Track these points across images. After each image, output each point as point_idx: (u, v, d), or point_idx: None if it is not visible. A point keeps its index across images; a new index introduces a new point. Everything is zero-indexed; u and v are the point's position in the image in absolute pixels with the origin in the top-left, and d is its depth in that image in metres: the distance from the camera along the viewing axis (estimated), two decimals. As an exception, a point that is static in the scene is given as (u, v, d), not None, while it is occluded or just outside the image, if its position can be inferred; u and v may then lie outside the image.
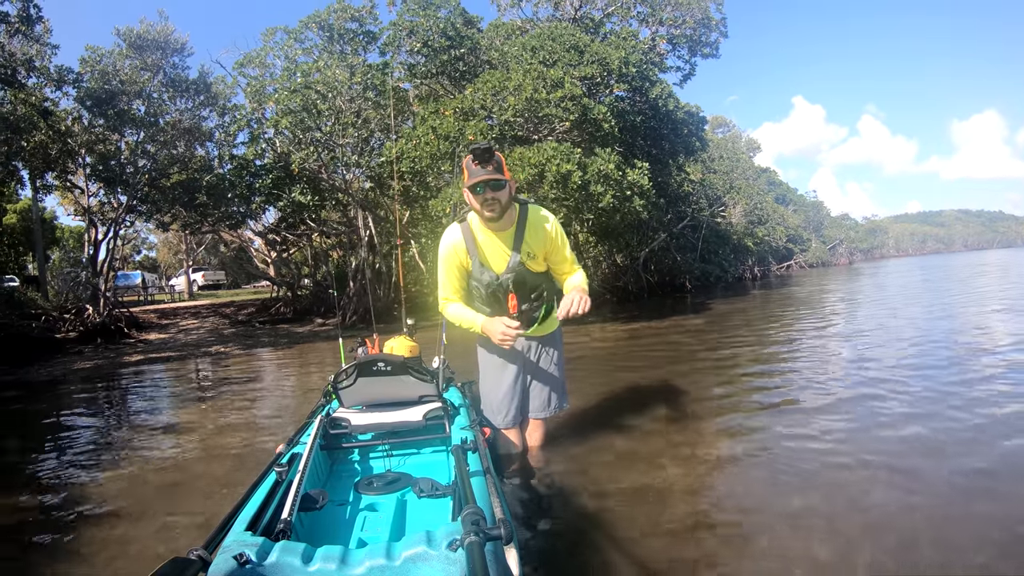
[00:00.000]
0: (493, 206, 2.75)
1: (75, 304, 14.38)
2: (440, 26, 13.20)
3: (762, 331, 9.30)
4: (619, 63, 12.33)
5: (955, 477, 2.79)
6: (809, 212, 60.02)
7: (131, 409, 6.37)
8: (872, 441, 3.40)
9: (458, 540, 1.38)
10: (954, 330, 7.77)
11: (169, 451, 4.23)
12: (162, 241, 41.31)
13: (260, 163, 16.12)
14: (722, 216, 33.55)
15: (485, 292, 2.98)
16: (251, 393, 6.59)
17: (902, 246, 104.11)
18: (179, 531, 2.72)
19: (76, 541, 2.72)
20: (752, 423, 3.95)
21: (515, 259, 2.90)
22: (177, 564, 1.28)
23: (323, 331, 14.53)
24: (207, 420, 5.29)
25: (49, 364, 10.48)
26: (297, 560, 1.39)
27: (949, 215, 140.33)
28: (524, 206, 2.93)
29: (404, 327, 3.88)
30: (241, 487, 1.92)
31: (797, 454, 3.24)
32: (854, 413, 3.97)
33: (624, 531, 2.44)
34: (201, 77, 15.69)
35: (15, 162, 14.08)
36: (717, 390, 5.01)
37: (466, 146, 10.79)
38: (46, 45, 13.83)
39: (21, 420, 6.35)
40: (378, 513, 2.17)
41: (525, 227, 2.90)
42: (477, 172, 2.71)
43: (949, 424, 3.59)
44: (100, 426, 5.51)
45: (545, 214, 2.98)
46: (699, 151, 20.06)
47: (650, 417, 4.17)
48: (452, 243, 2.94)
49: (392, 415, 2.84)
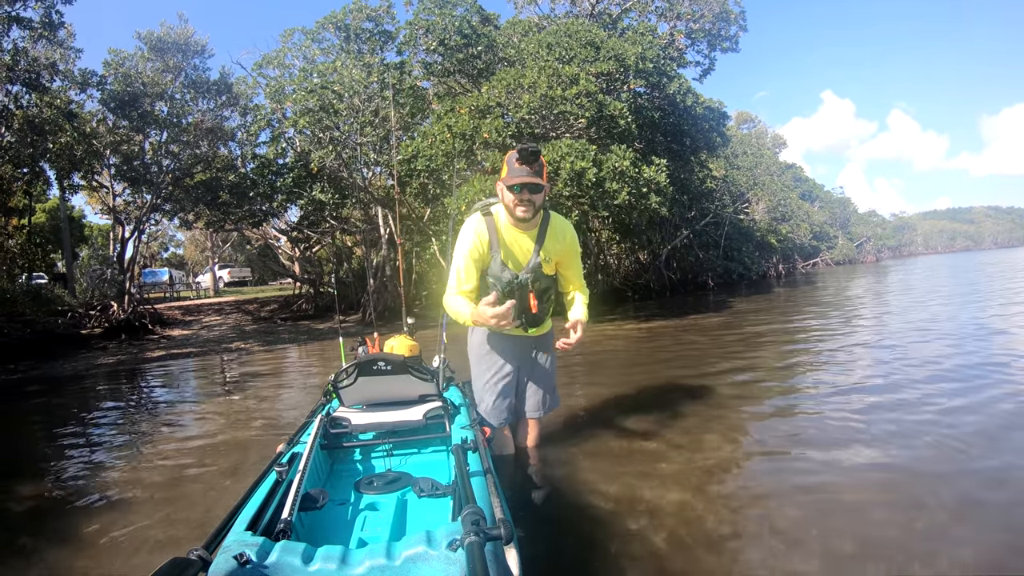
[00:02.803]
0: (528, 207, 2.77)
1: (101, 301, 14.70)
2: (456, 24, 13.20)
3: (781, 333, 9.18)
4: (635, 59, 12.24)
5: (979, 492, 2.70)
6: (835, 209, 59.04)
7: (148, 404, 6.50)
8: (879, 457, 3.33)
9: (458, 540, 1.38)
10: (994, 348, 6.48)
11: (182, 444, 4.31)
12: (189, 239, 41.97)
13: (282, 162, 16.34)
14: (745, 213, 33.18)
15: (503, 290, 2.87)
16: (267, 389, 6.67)
17: (931, 243, 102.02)
18: (181, 525, 2.77)
19: (84, 531, 2.79)
20: (757, 425, 3.91)
21: (536, 260, 2.91)
22: (177, 564, 1.29)
23: (344, 328, 14.65)
24: (221, 415, 5.38)
25: (74, 359, 10.70)
26: (297, 560, 1.40)
27: (979, 212, 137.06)
28: (546, 211, 2.98)
29: (404, 327, 3.89)
30: (245, 484, 1.93)
31: (799, 461, 3.21)
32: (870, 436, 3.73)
33: (624, 531, 2.43)
34: (222, 78, 15.93)
35: (42, 163, 14.45)
36: (726, 392, 4.93)
37: (482, 143, 10.80)
38: (69, 49, 14.19)
39: (44, 412, 6.51)
40: (378, 513, 2.17)
41: (547, 231, 2.93)
42: (519, 172, 2.72)
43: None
44: (118, 420, 5.63)
45: (566, 222, 3.04)
46: (720, 147, 19.85)
47: (652, 419, 4.13)
48: (476, 233, 2.88)
49: (392, 414, 2.84)
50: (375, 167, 15.19)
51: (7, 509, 3.25)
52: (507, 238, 2.91)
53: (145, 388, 7.67)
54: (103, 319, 14.07)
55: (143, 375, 8.71)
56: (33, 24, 12.07)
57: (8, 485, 3.62)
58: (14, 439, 5.29)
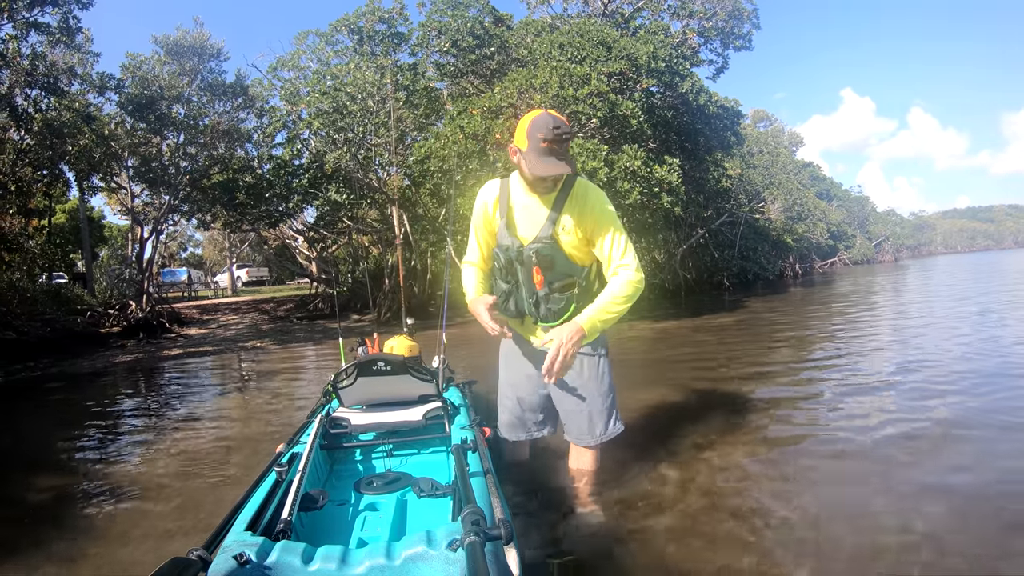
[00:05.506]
0: (544, 184, 2.44)
1: (119, 300, 14.91)
2: (468, 25, 13.23)
3: (795, 335, 9.10)
4: (648, 58, 12.18)
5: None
6: (853, 208, 58.25)
7: (164, 400, 6.58)
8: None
9: (458, 540, 1.38)
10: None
11: (195, 440, 4.37)
12: (207, 239, 42.33)
13: (297, 163, 16.47)
14: (761, 212, 32.87)
15: (503, 261, 2.58)
16: (281, 387, 6.73)
17: (950, 243, 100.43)
18: (191, 517, 2.84)
19: (98, 521, 2.87)
20: (763, 428, 3.88)
21: (547, 229, 2.46)
22: (177, 564, 1.30)
23: (358, 327, 14.73)
24: (234, 411, 5.47)
25: (92, 357, 10.84)
26: (297, 560, 1.41)
27: (999, 211, 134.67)
28: (572, 176, 2.49)
29: (404, 327, 3.90)
30: (249, 482, 1.95)
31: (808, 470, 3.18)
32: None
33: (625, 531, 2.43)
34: (238, 81, 16.05)
35: (61, 165, 14.72)
36: (733, 395, 4.91)
37: (494, 144, 10.80)
38: (87, 53, 14.39)
39: (63, 408, 6.63)
40: (378, 513, 2.18)
41: (568, 196, 2.46)
42: (547, 161, 2.31)
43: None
44: (134, 415, 5.75)
45: (589, 185, 2.53)
46: (735, 146, 19.69)
47: (655, 419, 4.13)
48: (484, 198, 2.62)
49: (392, 415, 2.84)
50: (389, 167, 15.24)
51: (25, 499, 3.35)
52: (518, 202, 2.55)
53: (161, 385, 7.78)
54: (122, 318, 14.26)
55: (160, 373, 8.82)
56: (51, 29, 12.25)
57: (27, 477, 3.75)
58: (34, 433, 5.40)
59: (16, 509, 3.19)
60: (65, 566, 2.47)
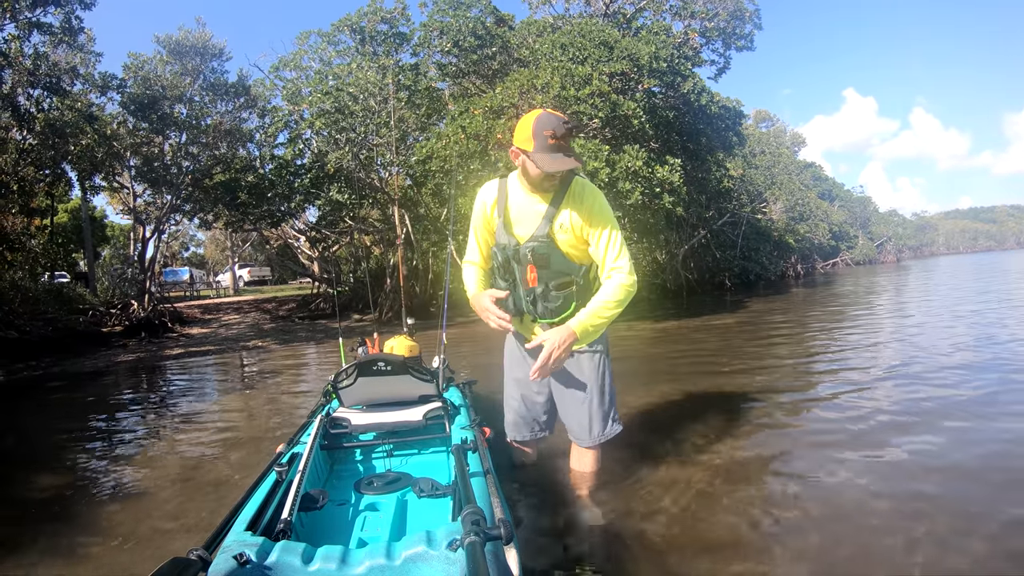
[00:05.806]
0: (551, 181, 2.46)
1: (121, 299, 14.93)
2: (470, 26, 13.23)
3: (796, 336, 9.09)
4: (649, 58, 12.17)
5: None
6: (855, 208, 58.17)
7: (165, 399, 6.59)
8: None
9: (458, 540, 1.39)
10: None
11: (196, 438, 4.38)
12: (209, 238, 42.41)
13: (299, 163, 16.47)
14: (762, 212, 32.85)
15: (501, 259, 2.61)
16: (282, 386, 6.73)
17: (952, 243, 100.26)
18: (192, 516, 2.83)
19: (99, 520, 2.87)
20: (764, 429, 3.87)
21: (544, 228, 2.48)
22: (177, 564, 1.30)
23: (359, 327, 14.73)
24: (235, 410, 5.48)
25: (94, 356, 10.85)
26: (297, 560, 1.41)
27: (1001, 211, 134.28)
28: (570, 174, 2.52)
29: (404, 327, 3.90)
30: (250, 481, 1.95)
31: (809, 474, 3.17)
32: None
33: (625, 531, 2.43)
34: (240, 81, 16.06)
35: (63, 165, 14.71)
36: (734, 396, 4.90)
37: (496, 144, 10.80)
38: (89, 53, 14.39)
39: (65, 407, 6.64)
40: (378, 513, 2.18)
41: (566, 194, 2.48)
42: (555, 156, 2.32)
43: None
44: (135, 414, 5.74)
45: (587, 184, 2.55)
46: (736, 146, 19.67)
47: (656, 419, 4.13)
48: (483, 198, 2.66)
49: (392, 415, 2.85)
50: (391, 167, 15.25)
51: (26, 498, 3.36)
52: (516, 201, 2.57)
53: (163, 384, 7.79)
54: (123, 317, 14.27)
55: (161, 372, 8.83)
56: (53, 29, 12.26)
57: (28, 475, 3.75)
58: (36, 432, 5.40)
59: (17, 508, 3.19)
60: (66, 565, 2.48)
